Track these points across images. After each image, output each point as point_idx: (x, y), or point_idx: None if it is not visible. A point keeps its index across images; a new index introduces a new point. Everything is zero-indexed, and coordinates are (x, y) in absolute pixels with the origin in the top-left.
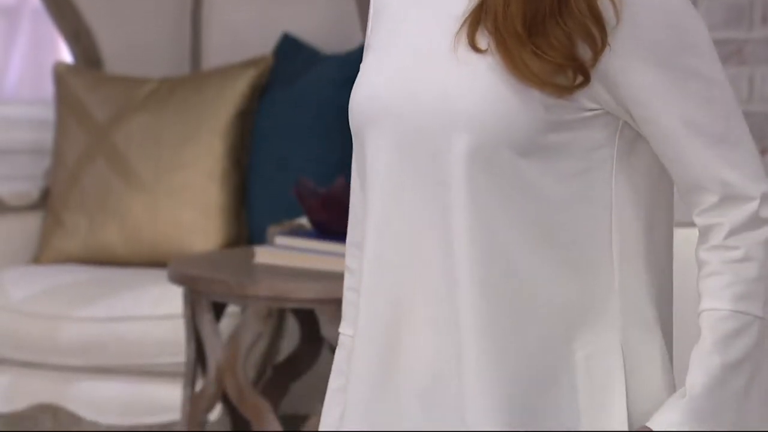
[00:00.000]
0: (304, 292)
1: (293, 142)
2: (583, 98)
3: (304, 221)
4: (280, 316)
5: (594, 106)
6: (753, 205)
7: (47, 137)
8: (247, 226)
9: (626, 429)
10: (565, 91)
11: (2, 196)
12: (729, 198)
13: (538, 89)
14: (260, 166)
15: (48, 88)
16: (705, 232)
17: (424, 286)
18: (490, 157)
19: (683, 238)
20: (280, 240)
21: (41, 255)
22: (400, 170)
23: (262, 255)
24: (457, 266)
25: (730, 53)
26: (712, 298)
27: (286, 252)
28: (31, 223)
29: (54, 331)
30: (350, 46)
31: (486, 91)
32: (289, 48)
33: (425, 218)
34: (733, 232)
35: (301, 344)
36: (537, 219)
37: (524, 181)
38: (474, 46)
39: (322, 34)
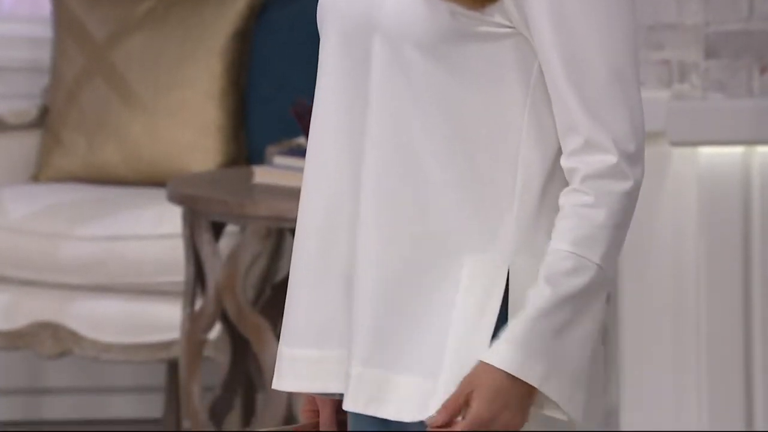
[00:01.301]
0: None
1: (292, 62)
2: (497, 13)
3: (302, 141)
4: (278, 235)
5: (506, 23)
6: (611, 158)
7: (45, 55)
8: (245, 145)
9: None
10: (476, 2)
11: (1, 114)
12: (592, 146)
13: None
14: (259, 86)
15: (45, 6)
16: (568, 176)
17: (348, 184)
18: (401, 60)
19: None
20: (279, 159)
21: (40, 173)
22: (340, 69)
23: (261, 174)
24: (363, 167)
25: None
26: (557, 240)
27: (284, 171)
28: (30, 141)
29: (53, 250)
30: None
31: None
32: None
33: (352, 116)
34: (588, 178)
35: None
36: (446, 129)
37: (435, 89)
38: None
39: None
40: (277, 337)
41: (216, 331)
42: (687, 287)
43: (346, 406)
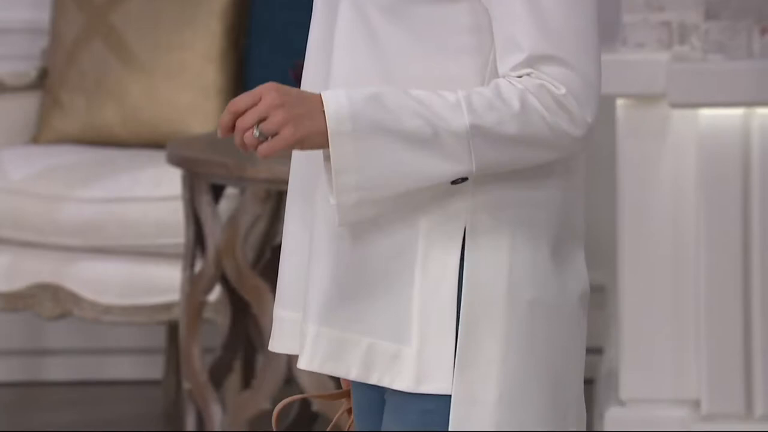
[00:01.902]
0: None
1: (291, 24)
2: None
3: None
4: (278, 198)
5: None
6: (560, 88)
7: (44, 17)
8: None
9: (452, 312)
10: None
11: (0, 75)
12: (538, 59)
13: None
14: (258, 48)
15: None
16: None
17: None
18: (362, 18)
19: None
20: None
21: (39, 135)
22: (323, 12)
23: None
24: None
25: None
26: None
27: None
28: (29, 102)
29: (53, 212)
30: None
31: None
32: None
33: (325, 57)
34: (532, 85)
35: None
36: (403, 83)
37: (393, 48)
38: None
39: None
40: None
41: (216, 293)
42: (686, 249)
43: (301, 364)
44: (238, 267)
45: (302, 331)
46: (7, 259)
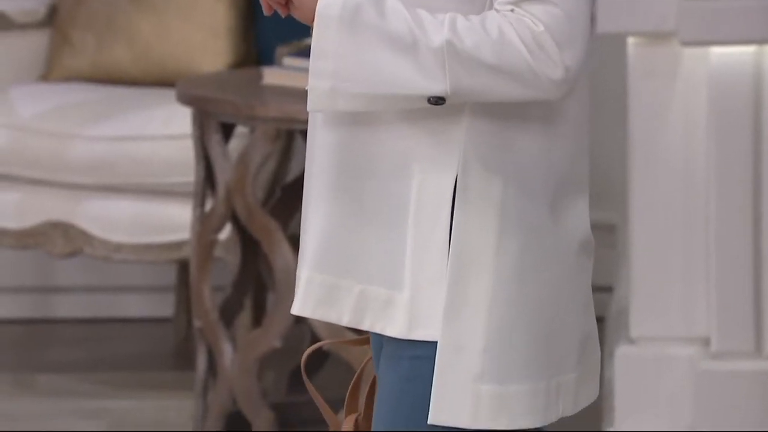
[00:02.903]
0: None
1: None
2: None
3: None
4: (288, 136)
5: None
6: (539, 26)
7: None
8: (255, 46)
9: (444, 259)
10: None
11: (9, 13)
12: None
13: None
14: None
15: None
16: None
17: None
18: None
19: None
20: (289, 61)
21: (49, 73)
22: None
23: (270, 76)
24: None
25: None
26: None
27: (294, 73)
28: (38, 40)
29: (63, 149)
30: None
31: None
32: None
33: None
34: (519, 17)
35: None
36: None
37: None
38: None
39: None
40: (287, 238)
41: (226, 231)
42: (697, 187)
43: (294, 309)
44: (248, 206)
45: (297, 276)
46: (17, 196)
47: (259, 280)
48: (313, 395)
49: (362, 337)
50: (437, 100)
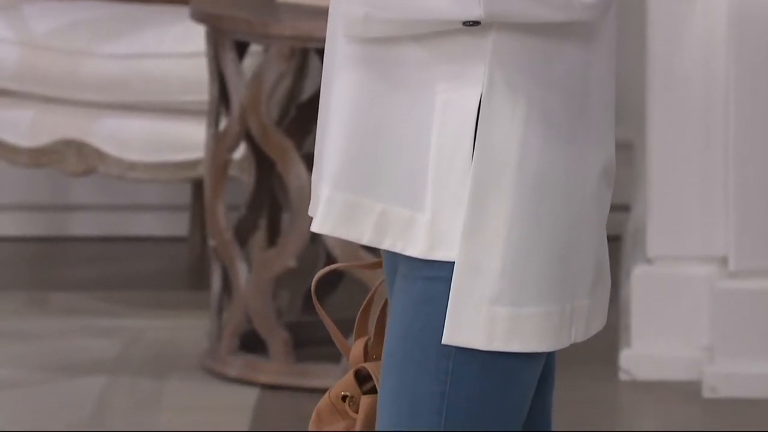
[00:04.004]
0: None
1: None
2: None
3: None
4: (303, 55)
5: None
6: None
7: None
8: None
9: (466, 180)
10: None
11: None
12: None
13: None
14: None
15: None
16: None
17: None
18: None
19: None
20: None
21: None
22: None
23: None
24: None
25: None
26: None
27: None
28: None
29: (76, 67)
30: None
31: None
32: None
33: None
34: None
35: None
36: None
37: None
38: None
39: None
40: (302, 157)
41: (240, 150)
42: (716, 105)
43: (313, 227)
44: (262, 125)
45: (316, 195)
46: (30, 114)
47: (273, 199)
48: (323, 318)
49: (376, 260)
50: (472, 23)
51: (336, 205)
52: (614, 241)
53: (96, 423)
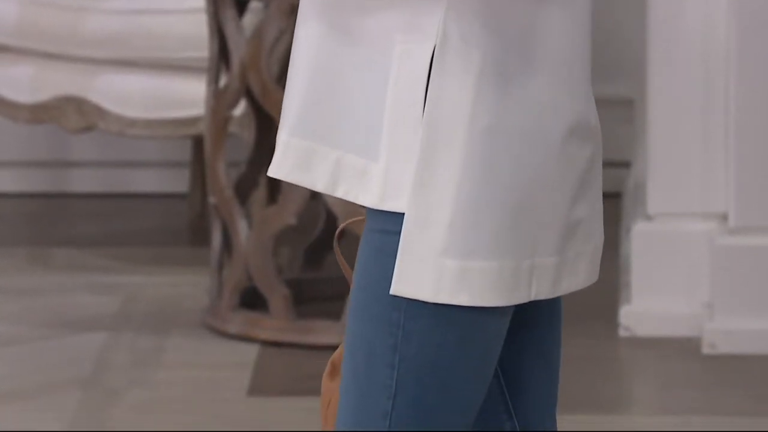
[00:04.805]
0: None
1: None
2: None
3: None
4: None
5: None
6: None
7: None
8: None
9: (420, 127)
10: None
11: None
12: None
13: None
14: None
15: None
16: None
17: None
18: None
19: None
20: None
21: None
22: None
23: None
24: None
25: None
26: None
27: None
28: None
29: (76, 23)
30: None
31: None
32: None
33: None
34: None
35: None
36: None
37: None
38: None
39: None
40: None
41: (241, 107)
42: (717, 60)
43: (270, 172)
44: (262, 81)
45: (277, 140)
46: (30, 70)
47: (273, 156)
48: (343, 267)
49: None
50: None
51: (292, 150)
52: (614, 197)
53: (96, 379)
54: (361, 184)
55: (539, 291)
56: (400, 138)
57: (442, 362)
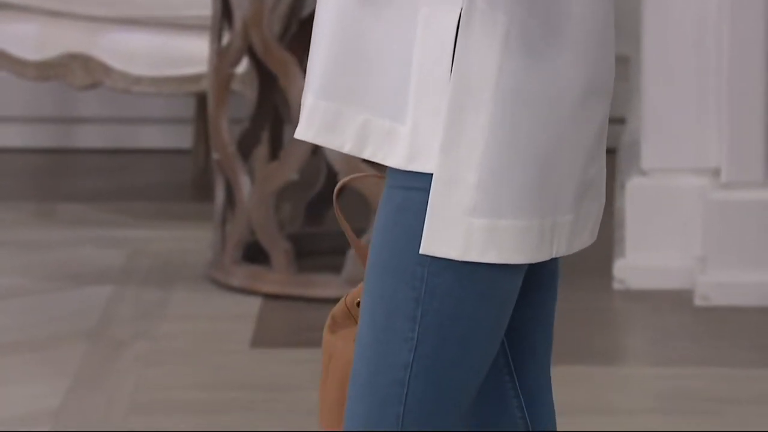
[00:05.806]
0: None
1: None
2: None
3: None
4: None
5: None
6: None
7: None
8: None
9: (446, 90)
10: None
11: None
12: None
13: None
14: None
15: None
16: None
17: None
18: None
19: None
20: None
21: None
22: None
23: None
24: None
25: None
26: None
27: None
28: None
29: None
30: None
31: None
32: None
33: None
34: None
35: None
36: None
37: None
38: None
39: None
40: (303, 72)
41: (243, 65)
42: (709, 20)
43: (297, 134)
44: (264, 39)
45: (302, 103)
46: (36, 28)
47: (276, 113)
48: (341, 222)
49: (382, 172)
50: None
51: (319, 112)
52: (609, 153)
53: (101, 331)
54: (388, 146)
55: (559, 249)
56: (427, 101)
57: (462, 317)
